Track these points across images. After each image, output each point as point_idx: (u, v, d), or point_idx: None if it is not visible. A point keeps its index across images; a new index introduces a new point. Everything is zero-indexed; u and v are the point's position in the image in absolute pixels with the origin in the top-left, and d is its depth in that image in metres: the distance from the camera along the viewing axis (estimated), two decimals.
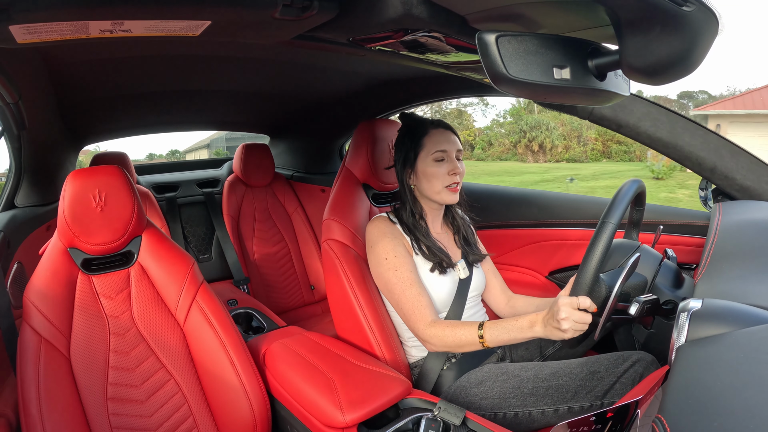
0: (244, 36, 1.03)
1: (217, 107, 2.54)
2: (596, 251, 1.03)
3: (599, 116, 1.46)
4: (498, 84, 0.63)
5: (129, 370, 1.32)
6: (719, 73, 76.87)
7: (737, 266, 0.95)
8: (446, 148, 1.38)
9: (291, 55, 1.66)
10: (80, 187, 1.29)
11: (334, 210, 1.55)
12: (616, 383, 1.17)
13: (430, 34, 0.89)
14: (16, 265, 1.56)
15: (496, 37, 0.61)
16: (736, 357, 0.60)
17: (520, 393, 1.25)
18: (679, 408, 0.54)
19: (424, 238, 1.41)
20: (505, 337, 1.17)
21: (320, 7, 0.84)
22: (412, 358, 1.46)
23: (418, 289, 1.33)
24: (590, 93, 0.70)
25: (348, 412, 1.15)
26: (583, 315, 1.01)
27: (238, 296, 2.23)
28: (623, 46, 0.63)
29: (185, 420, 1.34)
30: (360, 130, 1.64)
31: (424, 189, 1.41)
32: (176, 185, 2.83)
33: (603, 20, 0.70)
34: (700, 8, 0.54)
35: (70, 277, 1.31)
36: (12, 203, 1.94)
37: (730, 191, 1.41)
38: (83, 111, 2.05)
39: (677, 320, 0.72)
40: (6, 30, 0.75)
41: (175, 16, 0.82)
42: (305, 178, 2.90)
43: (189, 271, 1.41)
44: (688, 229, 1.52)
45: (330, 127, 2.77)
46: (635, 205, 1.35)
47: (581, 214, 1.78)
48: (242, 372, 1.34)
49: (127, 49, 1.44)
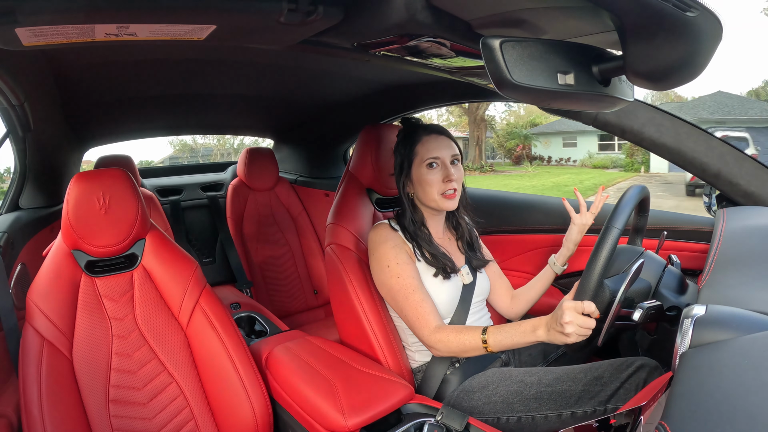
0: (248, 40, 1.03)
1: (221, 111, 2.55)
2: (601, 256, 1.03)
3: (603, 122, 1.46)
4: (502, 89, 0.63)
5: (131, 373, 1.32)
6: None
7: (741, 272, 0.95)
8: (438, 155, 1.37)
9: (295, 59, 1.66)
10: (84, 190, 1.29)
11: (337, 215, 1.55)
12: (619, 389, 1.17)
13: (435, 39, 0.89)
14: (19, 267, 1.56)
15: (500, 42, 0.61)
16: (740, 363, 0.60)
17: (524, 398, 1.25)
18: (682, 414, 0.53)
19: (427, 245, 1.40)
20: (508, 341, 1.17)
21: (325, 12, 0.85)
22: (415, 363, 1.46)
23: (421, 296, 1.33)
24: (594, 98, 0.70)
25: (350, 416, 1.15)
26: (587, 320, 1.01)
27: (241, 300, 2.23)
28: (627, 52, 0.63)
29: (187, 423, 1.34)
30: (364, 134, 1.64)
31: (421, 196, 1.40)
32: (180, 189, 2.84)
33: (607, 26, 0.70)
34: (703, 13, 0.55)
35: (73, 279, 1.31)
36: (16, 205, 1.95)
37: (735, 197, 1.40)
38: (88, 114, 2.06)
39: (681, 326, 0.71)
40: (12, 32, 0.75)
41: (180, 20, 0.82)
42: (309, 182, 2.90)
43: (192, 275, 1.41)
44: (692, 235, 1.52)
45: (334, 131, 2.78)
46: (639, 211, 1.35)
47: None
48: (244, 376, 1.34)
49: (132, 52, 1.45)
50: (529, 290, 1.55)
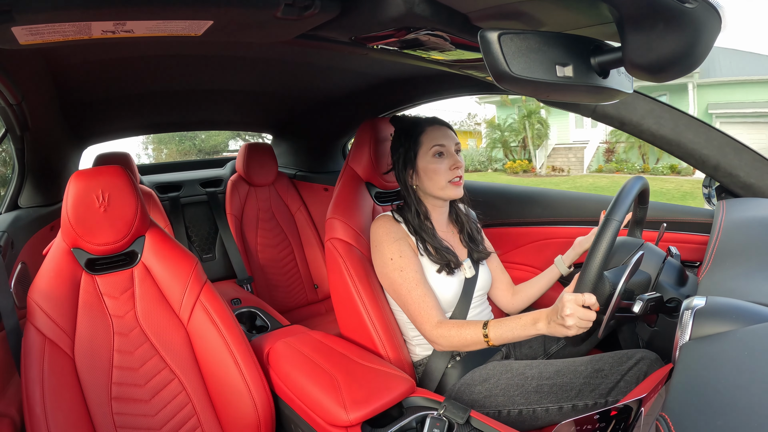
0: (246, 35, 1.03)
1: (219, 107, 2.54)
2: (601, 247, 1.03)
3: (602, 114, 1.46)
4: (501, 82, 0.63)
5: (133, 370, 1.32)
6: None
7: (741, 264, 0.95)
8: (444, 143, 1.38)
9: (293, 54, 1.66)
10: (83, 188, 1.29)
11: (337, 209, 1.55)
12: (620, 381, 1.17)
13: (433, 32, 0.89)
14: (20, 266, 1.56)
15: (499, 35, 0.61)
16: (740, 355, 0.60)
17: (525, 390, 1.25)
18: (682, 406, 0.53)
19: (431, 239, 1.40)
20: (509, 335, 1.17)
21: (322, 6, 0.84)
22: (416, 357, 1.46)
23: (423, 290, 1.33)
24: (593, 90, 0.70)
25: (352, 410, 1.15)
26: (587, 312, 1.01)
27: (241, 295, 2.23)
28: (626, 43, 0.63)
29: (189, 419, 1.34)
30: (362, 128, 1.64)
31: (428, 187, 1.40)
32: (179, 185, 2.84)
33: (605, 17, 0.70)
34: (702, 4, 0.54)
35: (73, 278, 1.32)
36: (16, 204, 1.95)
37: (734, 188, 1.40)
38: (86, 111, 2.05)
39: (681, 318, 0.72)
40: (8, 31, 0.75)
41: (177, 16, 0.82)
42: (308, 177, 2.90)
43: (192, 271, 1.41)
44: (692, 227, 1.52)
45: (332, 126, 2.77)
46: (639, 203, 1.35)
47: (586, 212, 1.77)
48: (246, 371, 1.34)
49: (129, 49, 1.44)
50: (531, 287, 1.55)
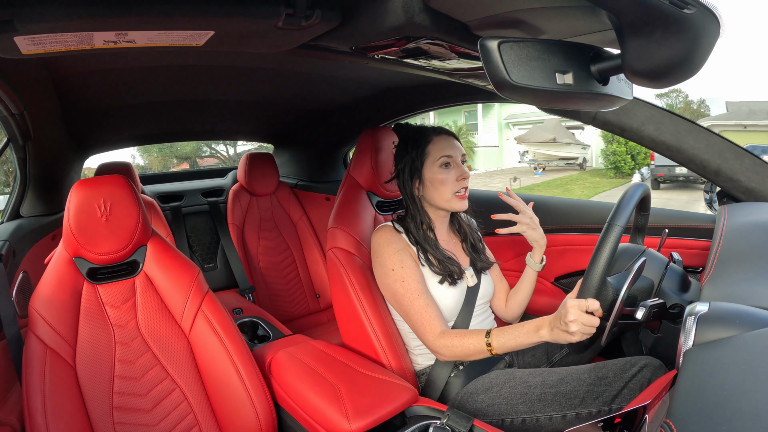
0: (247, 45, 1.04)
1: (220, 117, 2.55)
2: (603, 253, 1.03)
3: (603, 120, 1.46)
4: (501, 90, 0.63)
5: (134, 379, 1.32)
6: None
7: (744, 268, 0.94)
8: (452, 153, 1.37)
9: (294, 64, 1.67)
10: (85, 197, 1.29)
11: (338, 218, 1.55)
12: (624, 389, 1.17)
13: (433, 41, 0.89)
14: (21, 275, 1.57)
15: (498, 43, 0.61)
16: (744, 360, 0.60)
17: (528, 399, 1.24)
18: (687, 412, 0.53)
19: (433, 250, 1.39)
20: (512, 343, 1.16)
21: (323, 17, 0.85)
22: (419, 366, 1.45)
23: (426, 300, 1.32)
24: (593, 98, 0.70)
25: (354, 420, 1.15)
26: (591, 318, 1.00)
27: (243, 305, 2.23)
28: (625, 50, 0.63)
29: (191, 429, 1.33)
30: (363, 138, 1.65)
31: (433, 198, 1.39)
32: (181, 195, 2.85)
33: (604, 24, 0.70)
34: (701, 10, 0.55)
35: (75, 287, 1.32)
36: (17, 213, 1.96)
37: (735, 193, 1.40)
38: (88, 121, 2.06)
39: (684, 324, 0.71)
40: (11, 41, 0.75)
41: (178, 26, 0.82)
42: (309, 186, 2.90)
43: (194, 280, 1.41)
44: (694, 233, 1.52)
45: (333, 135, 2.78)
46: (640, 209, 1.34)
47: (587, 219, 1.77)
48: (248, 381, 1.34)
49: (131, 59, 1.45)
50: (516, 293, 1.52)
